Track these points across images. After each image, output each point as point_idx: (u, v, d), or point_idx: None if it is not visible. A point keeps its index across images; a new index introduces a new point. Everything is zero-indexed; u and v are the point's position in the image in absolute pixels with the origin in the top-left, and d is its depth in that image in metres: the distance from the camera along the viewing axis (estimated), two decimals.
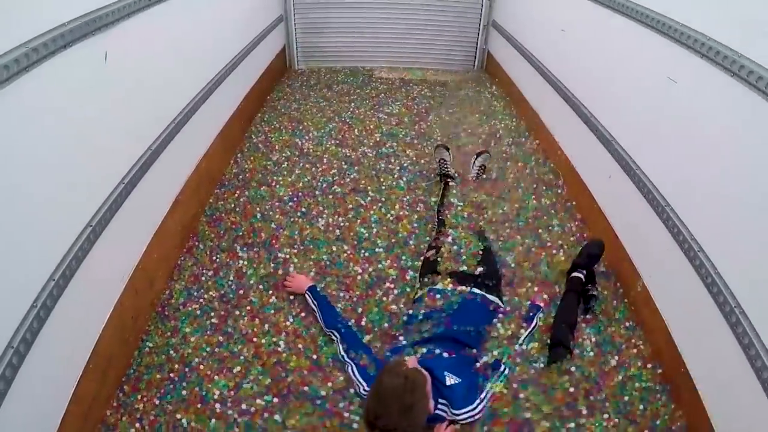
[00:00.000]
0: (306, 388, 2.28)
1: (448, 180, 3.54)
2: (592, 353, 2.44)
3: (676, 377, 2.19)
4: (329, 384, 2.29)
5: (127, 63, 2.41)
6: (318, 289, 2.69)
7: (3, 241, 1.64)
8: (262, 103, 5.06)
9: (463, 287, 2.55)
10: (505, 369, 2.24)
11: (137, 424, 2.15)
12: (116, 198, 2.28)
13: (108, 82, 2.26)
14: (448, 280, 2.59)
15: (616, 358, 2.42)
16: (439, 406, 2.03)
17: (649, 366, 2.36)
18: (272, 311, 2.66)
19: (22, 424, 1.75)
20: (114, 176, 2.34)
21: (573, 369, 2.35)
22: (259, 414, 2.19)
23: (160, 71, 2.79)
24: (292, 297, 2.74)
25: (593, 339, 2.51)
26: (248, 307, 2.68)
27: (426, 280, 2.66)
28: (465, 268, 2.73)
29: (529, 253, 3.01)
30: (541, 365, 2.35)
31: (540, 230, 3.20)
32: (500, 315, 2.54)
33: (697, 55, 2.11)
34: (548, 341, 2.44)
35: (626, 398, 2.24)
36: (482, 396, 2.11)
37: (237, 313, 2.65)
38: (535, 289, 2.74)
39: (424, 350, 2.26)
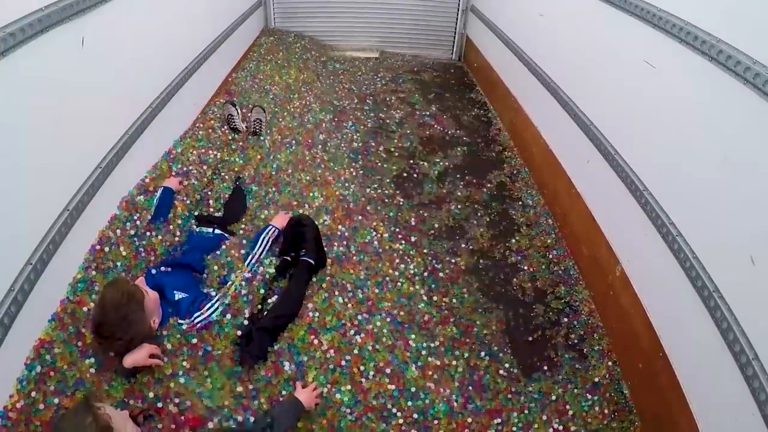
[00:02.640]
0: None
1: (235, 134, 3.83)
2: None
3: (654, 361, 2.20)
4: None
5: (103, 48, 2.43)
6: (172, 194, 2.90)
7: None
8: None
9: (204, 228, 2.90)
10: (231, 285, 2.46)
11: None
12: (93, 182, 2.32)
13: (85, 67, 2.27)
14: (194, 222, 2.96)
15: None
16: (171, 319, 2.27)
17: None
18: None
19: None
20: (91, 160, 2.37)
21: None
22: None
23: (136, 56, 2.79)
24: None
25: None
26: None
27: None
28: (208, 212, 3.14)
29: None
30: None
31: None
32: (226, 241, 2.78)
33: (675, 39, 2.11)
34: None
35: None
36: (212, 303, 2.34)
37: None
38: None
39: (161, 269, 2.49)
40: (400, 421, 2.15)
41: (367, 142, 4.14)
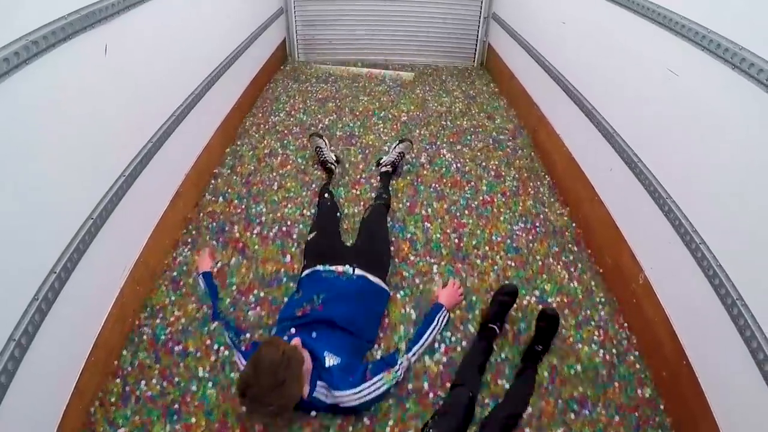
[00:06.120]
0: None
1: (331, 167, 3.65)
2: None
3: (678, 370, 2.20)
4: None
5: (127, 56, 2.42)
6: (212, 276, 2.72)
7: (4, 234, 1.66)
8: (260, 94, 5.07)
9: (345, 267, 2.54)
10: (399, 370, 2.20)
11: (136, 417, 2.16)
12: (117, 191, 2.32)
13: (108, 75, 2.27)
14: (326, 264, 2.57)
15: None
16: (318, 388, 2.03)
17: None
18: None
19: (25, 417, 1.77)
20: (115, 169, 2.37)
21: None
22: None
23: (160, 64, 2.80)
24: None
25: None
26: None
27: (307, 262, 2.69)
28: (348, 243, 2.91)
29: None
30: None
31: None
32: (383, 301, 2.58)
33: (698, 47, 2.11)
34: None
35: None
36: (369, 384, 2.09)
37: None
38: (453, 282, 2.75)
39: (301, 332, 2.22)
40: None
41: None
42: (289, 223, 3.22)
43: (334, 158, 3.77)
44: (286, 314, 2.39)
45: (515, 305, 2.64)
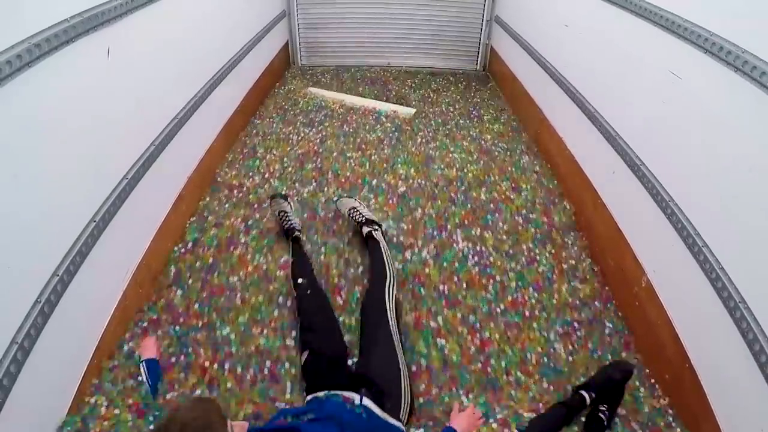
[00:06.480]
0: None
1: (297, 235, 2.98)
2: None
3: (680, 372, 2.19)
4: None
5: (129, 59, 2.42)
6: (158, 363, 2.27)
7: (7, 237, 1.66)
8: (264, 98, 5.06)
9: (351, 395, 2.02)
10: None
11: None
12: (119, 194, 2.31)
13: (111, 78, 2.27)
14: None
15: None
16: None
17: None
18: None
19: (27, 419, 1.77)
20: (117, 172, 2.36)
21: None
22: None
23: (163, 67, 2.80)
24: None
25: None
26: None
27: (307, 390, 2.19)
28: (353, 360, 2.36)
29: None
30: None
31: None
32: None
33: (700, 50, 2.11)
34: None
35: None
36: None
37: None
38: (468, 397, 2.26)
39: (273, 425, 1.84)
40: None
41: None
42: (269, 363, 2.38)
43: (299, 224, 3.11)
44: (272, 420, 1.97)
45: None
